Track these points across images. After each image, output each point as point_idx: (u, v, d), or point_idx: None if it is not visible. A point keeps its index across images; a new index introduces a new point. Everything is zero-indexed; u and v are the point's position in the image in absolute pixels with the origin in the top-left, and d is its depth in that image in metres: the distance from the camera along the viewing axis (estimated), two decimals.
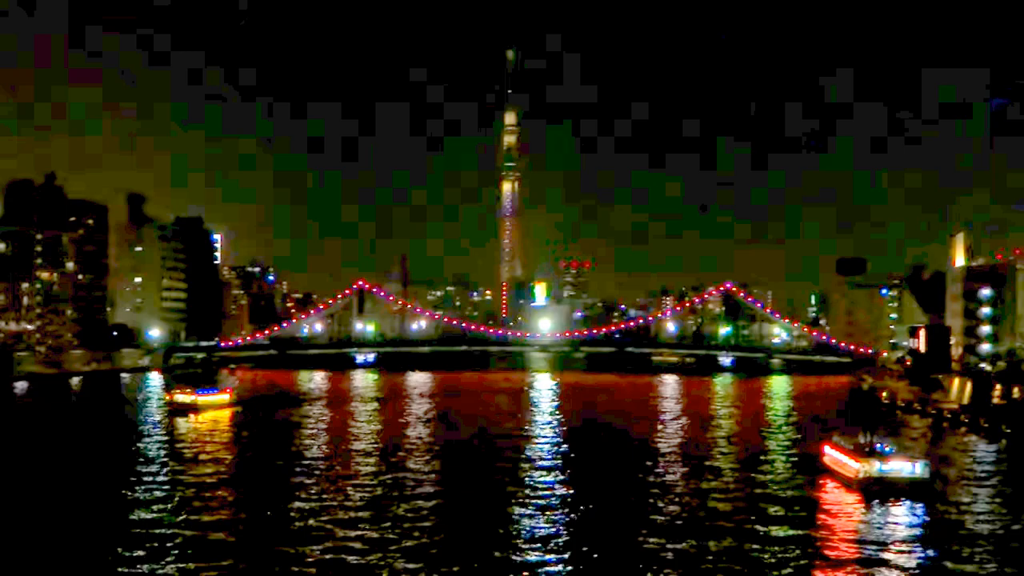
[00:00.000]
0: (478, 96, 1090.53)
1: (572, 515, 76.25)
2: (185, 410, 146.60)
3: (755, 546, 66.78)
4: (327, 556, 63.33)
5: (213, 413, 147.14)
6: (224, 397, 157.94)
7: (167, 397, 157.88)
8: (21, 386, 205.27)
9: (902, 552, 66.83)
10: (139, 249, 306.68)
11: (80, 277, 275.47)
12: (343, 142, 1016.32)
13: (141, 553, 63.48)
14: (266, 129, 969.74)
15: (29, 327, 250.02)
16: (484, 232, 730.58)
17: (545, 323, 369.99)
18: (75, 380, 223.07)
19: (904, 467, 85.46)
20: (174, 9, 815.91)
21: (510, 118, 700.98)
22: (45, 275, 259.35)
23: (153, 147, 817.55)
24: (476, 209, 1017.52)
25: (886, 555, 65.75)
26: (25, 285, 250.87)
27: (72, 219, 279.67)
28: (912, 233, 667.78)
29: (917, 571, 62.79)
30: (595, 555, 64.47)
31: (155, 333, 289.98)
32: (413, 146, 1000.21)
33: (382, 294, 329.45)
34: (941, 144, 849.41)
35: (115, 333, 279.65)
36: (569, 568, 61.69)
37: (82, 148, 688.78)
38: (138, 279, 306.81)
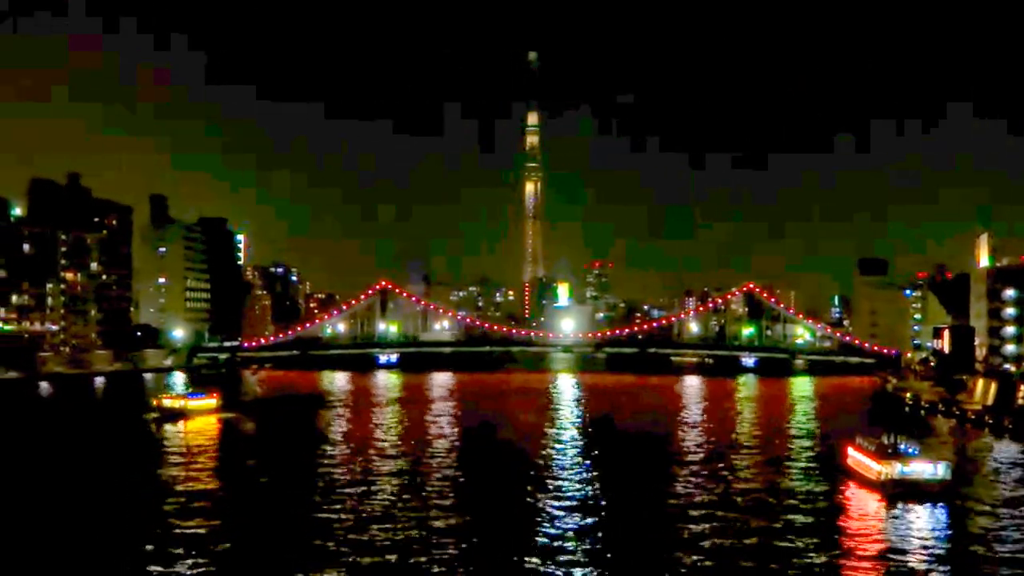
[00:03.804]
0: (501, 96, 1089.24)
1: (595, 514, 76.22)
2: (174, 415, 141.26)
3: (776, 546, 66.59)
4: (347, 558, 63.38)
5: (203, 419, 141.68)
6: (212, 402, 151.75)
7: (155, 402, 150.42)
8: (44, 386, 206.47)
9: (923, 553, 66.42)
10: (163, 250, 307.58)
11: (104, 277, 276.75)
12: (363, 143, 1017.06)
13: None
14: (289, 130, 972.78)
15: (53, 327, 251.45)
16: (506, 232, 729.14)
17: (568, 323, 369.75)
18: (99, 380, 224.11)
19: (926, 468, 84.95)
20: (200, 10, 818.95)
21: (532, 119, 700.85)
22: (69, 276, 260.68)
23: (176, 148, 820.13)
24: (499, 209, 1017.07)
25: (907, 556, 65.41)
26: (49, 286, 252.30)
27: (96, 219, 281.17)
28: (936, 233, 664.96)
29: (938, 572, 62.40)
30: (619, 554, 64.33)
31: (178, 333, 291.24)
32: (436, 146, 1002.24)
33: (405, 295, 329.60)
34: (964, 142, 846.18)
35: (139, 333, 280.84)
36: (592, 568, 61.55)
37: (105, 149, 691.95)
38: (162, 279, 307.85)
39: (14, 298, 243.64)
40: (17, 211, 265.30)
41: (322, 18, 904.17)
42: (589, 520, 74.59)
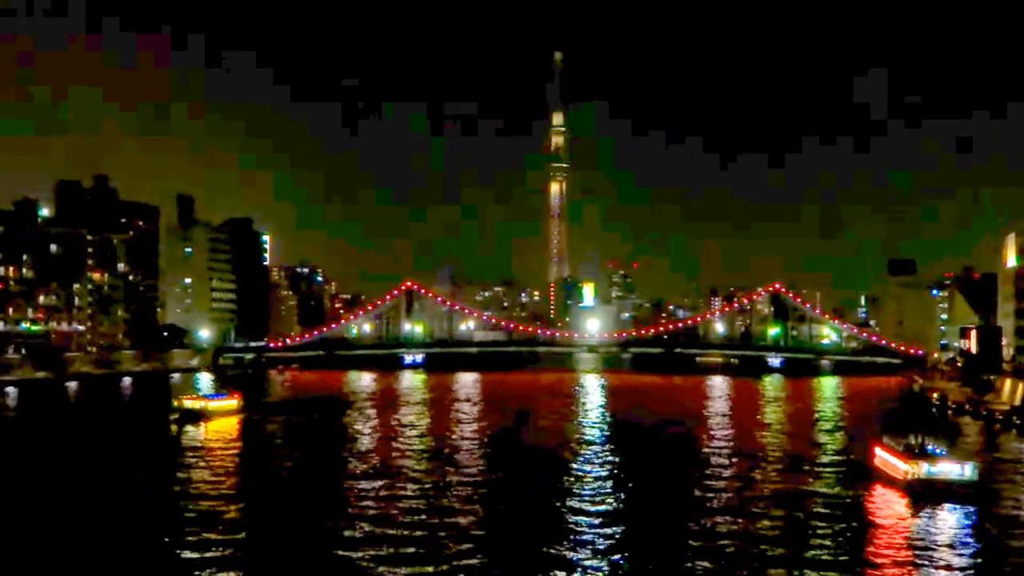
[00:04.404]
0: (526, 96, 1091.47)
1: (618, 514, 75.92)
2: (195, 417, 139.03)
3: (801, 545, 66.25)
4: (367, 560, 63.40)
5: (224, 420, 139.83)
6: (233, 403, 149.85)
7: (176, 403, 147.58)
8: (72, 386, 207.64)
9: (949, 554, 65.92)
10: (189, 250, 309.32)
11: (131, 278, 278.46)
12: (388, 144, 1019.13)
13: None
14: (316, 130, 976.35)
15: (81, 328, 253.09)
16: (532, 233, 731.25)
17: (593, 323, 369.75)
18: (126, 380, 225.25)
19: (952, 469, 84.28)
20: (224, 9, 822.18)
21: (557, 119, 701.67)
22: (96, 276, 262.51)
23: (203, 148, 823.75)
24: (524, 210, 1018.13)
25: (933, 557, 64.92)
26: (77, 286, 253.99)
27: (123, 220, 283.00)
28: (963, 234, 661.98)
29: (964, 573, 61.96)
30: (641, 553, 64.17)
31: (204, 333, 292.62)
32: (462, 147, 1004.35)
33: (430, 295, 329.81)
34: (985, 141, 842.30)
35: (165, 333, 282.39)
36: (614, 567, 61.39)
37: (134, 149, 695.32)
38: (188, 280, 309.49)
39: (42, 298, 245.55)
40: (44, 212, 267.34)
41: (330, 20, 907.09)
42: (612, 520, 74.33)
